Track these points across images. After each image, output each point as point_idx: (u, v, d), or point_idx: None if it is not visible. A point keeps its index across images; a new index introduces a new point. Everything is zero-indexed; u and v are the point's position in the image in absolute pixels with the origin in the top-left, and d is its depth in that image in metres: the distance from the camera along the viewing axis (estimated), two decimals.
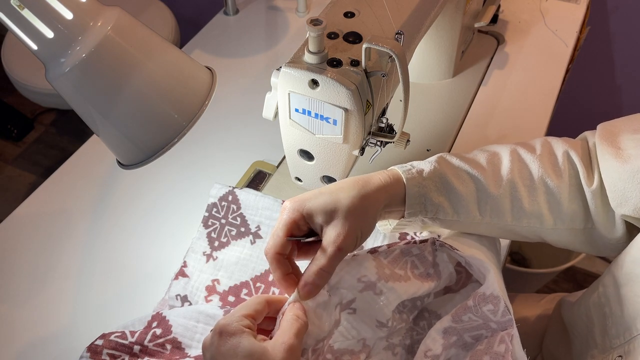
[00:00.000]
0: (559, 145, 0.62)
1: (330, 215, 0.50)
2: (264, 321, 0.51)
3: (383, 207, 0.55)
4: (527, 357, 0.50)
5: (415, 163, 0.59)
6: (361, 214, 0.51)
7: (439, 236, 0.58)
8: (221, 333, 0.46)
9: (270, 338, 0.48)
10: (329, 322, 0.53)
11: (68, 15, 0.47)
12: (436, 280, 0.57)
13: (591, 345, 0.60)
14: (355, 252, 0.53)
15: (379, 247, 0.55)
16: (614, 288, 0.57)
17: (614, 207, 0.57)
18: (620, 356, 0.54)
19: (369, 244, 0.67)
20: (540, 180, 0.59)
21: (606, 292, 0.58)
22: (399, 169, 0.57)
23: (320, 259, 0.49)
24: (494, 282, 0.52)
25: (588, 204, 0.59)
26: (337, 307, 0.54)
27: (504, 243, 0.75)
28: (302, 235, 0.52)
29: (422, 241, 0.56)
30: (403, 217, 0.58)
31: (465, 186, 0.58)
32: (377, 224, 0.57)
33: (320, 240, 0.51)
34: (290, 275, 0.52)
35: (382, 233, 0.67)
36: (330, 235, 0.50)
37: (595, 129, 0.63)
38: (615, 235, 0.60)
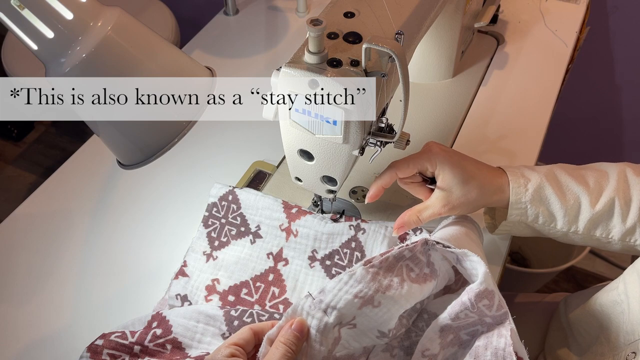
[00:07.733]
0: None
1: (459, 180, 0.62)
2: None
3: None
4: (528, 354, 0.50)
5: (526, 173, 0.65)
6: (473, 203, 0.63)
7: (429, 234, 0.58)
8: None
9: None
10: (326, 344, 0.52)
11: (68, 15, 0.47)
12: (434, 278, 0.56)
13: (603, 343, 0.60)
14: (351, 269, 0.53)
15: (372, 258, 0.54)
16: (636, 285, 0.57)
17: None
18: (633, 352, 0.54)
19: (375, 250, 0.66)
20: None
21: (626, 290, 0.58)
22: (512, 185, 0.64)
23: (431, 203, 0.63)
24: (488, 277, 0.52)
25: None
26: (336, 327, 0.53)
27: (504, 243, 0.75)
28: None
29: (412, 244, 0.55)
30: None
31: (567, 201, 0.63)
32: (483, 222, 0.73)
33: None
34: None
35: (382, 233, 0.67)
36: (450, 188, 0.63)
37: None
38: None
